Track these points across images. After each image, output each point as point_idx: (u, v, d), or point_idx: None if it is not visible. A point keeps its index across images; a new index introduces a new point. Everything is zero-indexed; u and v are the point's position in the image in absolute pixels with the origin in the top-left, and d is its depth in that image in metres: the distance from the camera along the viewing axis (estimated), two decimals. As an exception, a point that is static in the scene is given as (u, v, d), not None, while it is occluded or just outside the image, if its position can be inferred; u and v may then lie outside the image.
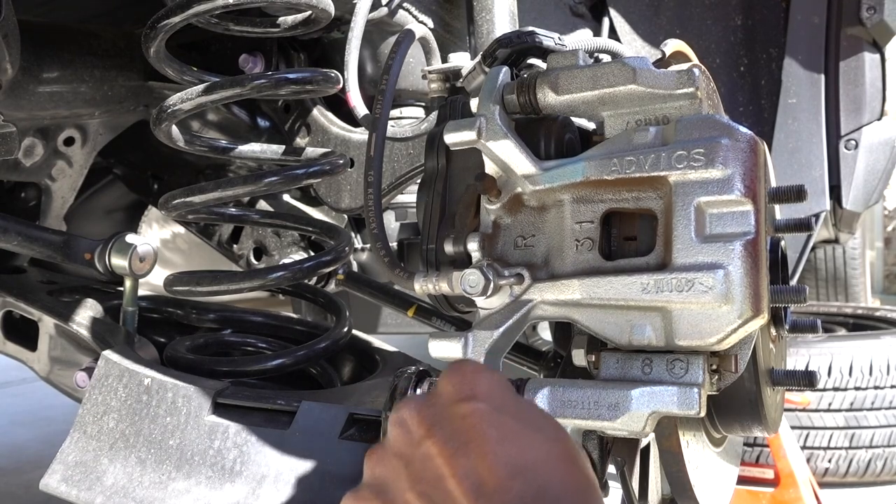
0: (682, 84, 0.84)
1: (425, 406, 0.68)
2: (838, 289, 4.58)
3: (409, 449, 0.66)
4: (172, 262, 3.44)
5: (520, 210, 0.91)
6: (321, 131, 1.61)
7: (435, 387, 0.70)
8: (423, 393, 0.78)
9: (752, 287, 0.76)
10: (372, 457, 0.71)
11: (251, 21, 1.35)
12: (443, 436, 0.64)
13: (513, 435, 0.63)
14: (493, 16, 1.35)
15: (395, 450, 0.68)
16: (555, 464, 0.62)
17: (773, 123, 2.30)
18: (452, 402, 0.66)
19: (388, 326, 2.70)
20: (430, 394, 0.70)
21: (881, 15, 2.24)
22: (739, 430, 1.00)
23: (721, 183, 0.78)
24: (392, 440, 0.69)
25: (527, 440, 0.63)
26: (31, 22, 1.50)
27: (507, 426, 0.64)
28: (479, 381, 0.68)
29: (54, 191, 1.70)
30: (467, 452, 0.62)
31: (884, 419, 2.83)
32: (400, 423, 0.69)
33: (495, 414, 0.65)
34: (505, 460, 0.61)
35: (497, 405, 0.66)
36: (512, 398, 0.68)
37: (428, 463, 0.64)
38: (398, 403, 0.71)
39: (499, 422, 0.64)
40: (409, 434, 0.67)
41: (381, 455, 0.70)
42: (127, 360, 1.25)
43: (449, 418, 0.65)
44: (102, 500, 1.13)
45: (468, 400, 0.66)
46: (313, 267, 1.48)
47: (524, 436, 0.63)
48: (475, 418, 0.64)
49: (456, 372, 0.69)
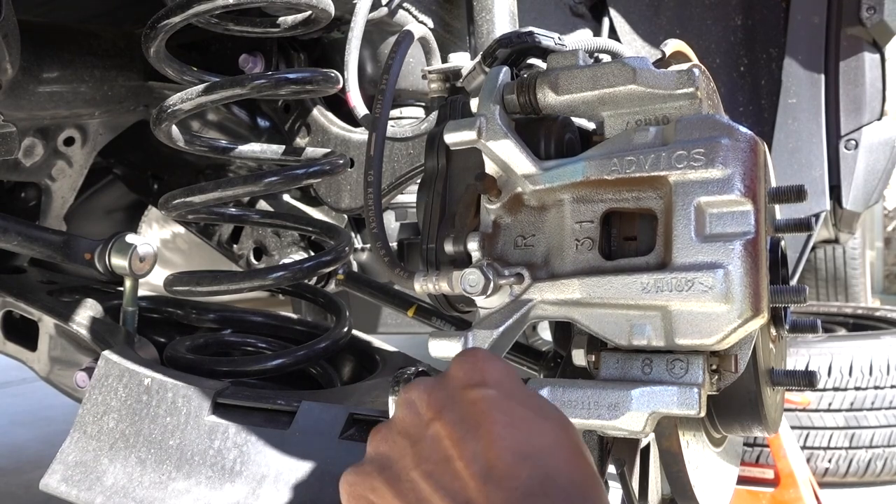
0: (682, 84, 0.84)
1: (435, 389, 0.68)
2: (838, 289, 4.58)
3: (417, 429, 0.67)
4: (172, 262, 3.44)
5: (520, 210, 0.91)
6: (321, 131, 1.61)
7: (446, 372, 0.71)
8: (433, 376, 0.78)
9: (751, 287, 0.76)
10: (377, 434, 0.71)
11: (251, 21, 1.35)
12: (452, 419, 0.65)
13: (521, 422, 0.64)
14: (493, 16, 1.35)
15: (401, 429, 0.68)
16: (562, 452, 0.62)
17: (773, 123, 2.30)
18: (463, 387, 0.67)
19: (388, 326, 2.70)
20: (440, 378, 0.70)
21: (881, 15, 2.24)
22: (739, 430, 1.00)
23: (721, 183, 0.78)
24: (399, 419, 0.69)
25: (535, 427, 0.64)
26: (31, 22, 1.50)
27: (515, 413, 0.64)
28: (490, 368, 0.68)
29: (54, 191, 1.70)
30: (476, 437, 0.62)
31: (884, 419, 2.83)
32: (408, 403, 0.69)
33: (504, 400, 0.65)
34: (513, 446, 0.61)
35: (507, 392, 0.66)
36: (521, 387, 0.69)
37: (436, 444, 0.64)
38: (408, 385, 0.71)
39: (508, 408, 0.64)
40: (418, 415, 0.68)
41: (386, 433, 0.70)
42: (127, 360, 1.25)
43: (459, 402, 0.66)
44: (102, 500, 1.13)
45: (478, 386, 0.66)
46: (313, 267, 1.48)
47: (532, 423, 0.64)
48: (485, 404, 0.64)
49: (467, 358, 0.70)
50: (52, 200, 1.71)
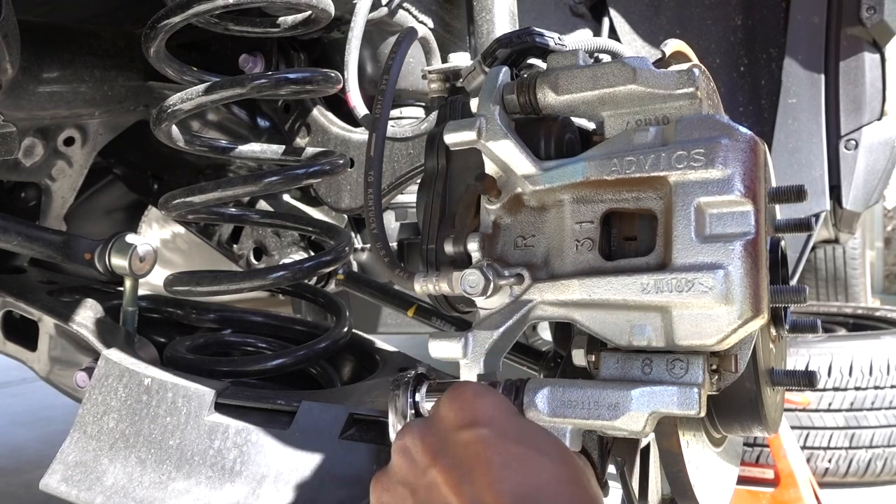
0: (682, 84, 0.84)
1: (428, 433, 0.68)
2: (838, 289, 4.58)
3: (415, 477, 0.66)
4: (172, 262, 3.44)
5: (520, 210, 0.91)
6: (321, 131, 1.61)
7: (436, 411, 0.70)
8: (424, 418, 0.78)
9: (752, 287, 0.76)
10: (378, 485, 0.71)
11: (251, 21, 1.35)
12: (447, 464, 0.64)
13: (517, 460, 0.63)
14: (493, 16, 1.35)
15: (400, 478, 0.68)
16: (561, 488, 0.62)
17: (773, 123, 2.30)
18: (455, 429, 0.66)
19: (388, 326, 2.70)
20: (431, 419, 0.70)
21: (881, 15, 2.24)
22: (739, 430, 1.00)
23: (721, 183, 0.78)
24: (397, 468, 0.69)
25: (531, 464, 0.63)
26: (31, 22, 1.50)
27: (510, 451, 0.64)
28: (480, 405, 0.68)
29: (54, 191, 1.70)
30: (472, 480, 0.62)
31: (884, 419, 2.83)
32: (404, 451, 0.69)
33: (498, 439, 0.65)
34: (510, 487, 0.61)
35: (499, 430, 0.65)
36: (514, 420, 0.68)
37: (434, 492, 0.64)
38: (401, 430, 0.71)
39: (502, 447, 0.64)
40: (414, 462, 0.67)
41: (386, 483, 0.70)
42: (127, 360, 1.25)
43: (452, 446, 0.65)
44: (102, 500, 1.13)
45: (470, 426, 0.66)
46: (313, 267, 1.48)
47: (528, 460, 0.63)
48: (478, 445, 0.64)
49: (456, 397, 0.69)
50: (52, 200, 1.71)
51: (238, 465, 1.10)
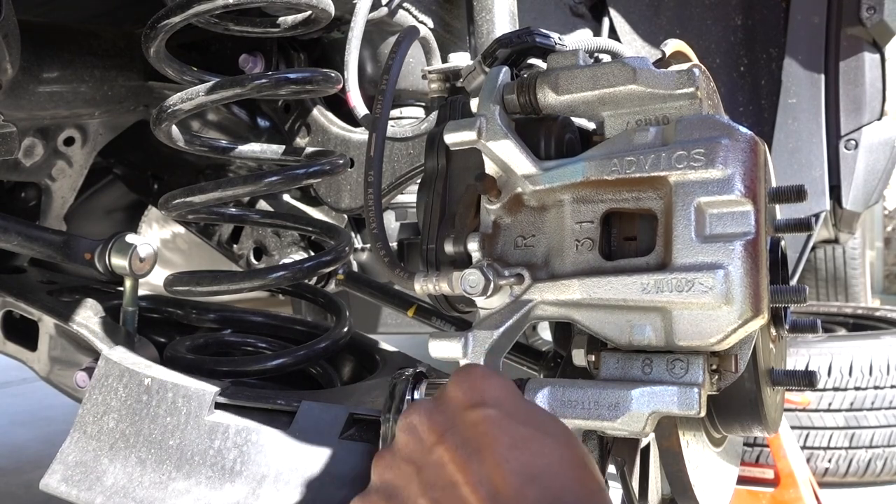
0: (682, 84, 0.84)
1: (436, 412, 0.68)
2: (838, 289, 4.58)
3: (421, 455, 0.66)
4: (172, 262, 3.44)
5: (520, 210, 0.91)
6: (321, 131, 1.61)
7: (444, 392, 0.70)
8: (431, 397, 0.78)
9: (752, 287, 0.76)
10: (381, 462, 0.71)
11: (251, 21, 1.35)
12: (454, 442, 0.64)
13: (524, 441, 0.63)
14: (493, 16, 1.35)
15: (405, 455, 0.68)
16: (567, 469, 0.62)
17: (773, 123, 2.30)
18: (463, 409, 0.66)
19: (388, 326, 2.70)
20: (439, 399, 0.70)
21: (881, 15, 2.24)
22: (739, 430, 1.00)
23: (721, 183, 0.78)
24: (402, 445, 0.69)
25: (538, 446, 0.63)
26: (31, 22, 1.50)
27: (518, 432, 0.64)
28: (488, 386, 0.68)
29: (54, 191, 1.70)
30: (480, 459, 0.62)
31: (884, 419, 2.83)
32: (410, 429, 0.69)
33: (506, 419, 0.65)
34: (518, 467, 0.61)
35: (507, 411, 0.66)
36: (521, 403, 0.68)
37: (440, 470, 0.64)
38: (407, 408, 0.71)
39: (510, 428, 0.64)
40: (420, 440, 0.67)
41: (390, 460, 0.70)
42: (127, 360, 1.25)
43: (460, 425, 0.65)
44: (102, 500, 1.13)
45: (478, 406, 0.66)
46: (313, 267, 1.48)
47: (535, 441, 0.63)
48: (486, 425, 0.64)
49: (465, 377, 0.69)
50: (52, 200, 1.71)
51: (238, 465, 1.10)
